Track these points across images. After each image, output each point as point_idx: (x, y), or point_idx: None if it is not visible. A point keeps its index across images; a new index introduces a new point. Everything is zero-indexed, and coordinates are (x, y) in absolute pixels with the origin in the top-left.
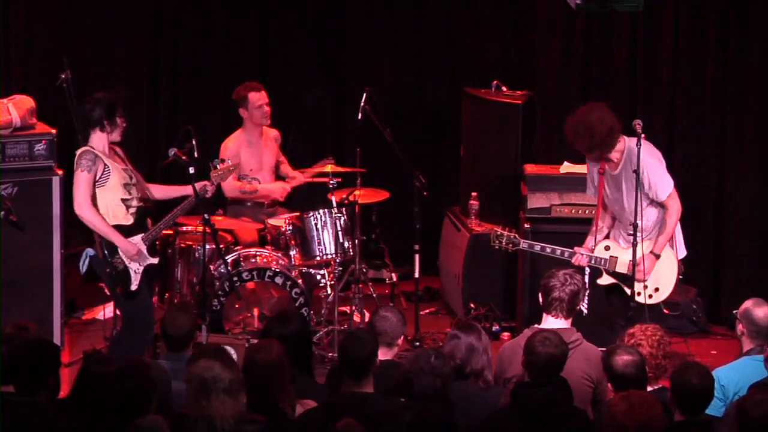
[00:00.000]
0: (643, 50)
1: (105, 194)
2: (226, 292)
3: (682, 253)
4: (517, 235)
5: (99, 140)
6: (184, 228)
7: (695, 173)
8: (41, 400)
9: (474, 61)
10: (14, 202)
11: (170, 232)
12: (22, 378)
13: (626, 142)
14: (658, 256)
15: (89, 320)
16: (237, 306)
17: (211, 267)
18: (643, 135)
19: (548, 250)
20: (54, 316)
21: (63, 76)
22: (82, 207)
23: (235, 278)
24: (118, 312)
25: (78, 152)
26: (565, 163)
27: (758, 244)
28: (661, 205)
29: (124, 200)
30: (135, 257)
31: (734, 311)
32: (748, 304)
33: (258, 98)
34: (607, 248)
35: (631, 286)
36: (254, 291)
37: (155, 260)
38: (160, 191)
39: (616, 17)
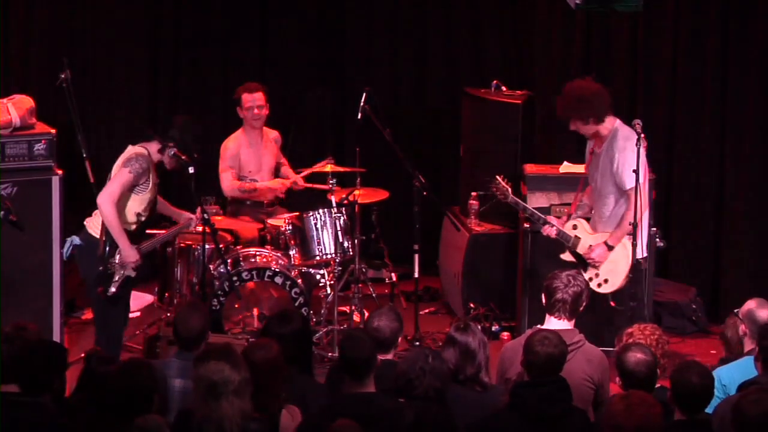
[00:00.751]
0: (643, 50)
1: (132, 202)
2: (225, 291)
3: (641, 254)
4: (511, 191)
5: (155, 152)
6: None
7: (695, 172)
8: (45, 401)
9: (474, 61)
10: (14, 202)
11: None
12: (28, 378)
13: (616, 124)
14: (611, 248)
15: (89, 320)
16: (237, 306)
17: (211, 267)
18: (642, 135)
19: (529, 212)
20: (54, 316)
21: (63, 76)
22: (106, 200)
23: (235, 278)
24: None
25: (135, 151)
26: (565, 163)
27: (758, 244)
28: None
29: (139, 214)
30: (132, 264)
31: (735, 310)
32: (751, 305)
33: (249, 100)
34: (574, 227)
35: (585, 270)
36: (254, 291)
37: (133, 273)
38: (164, 208)
39: (616, 17)
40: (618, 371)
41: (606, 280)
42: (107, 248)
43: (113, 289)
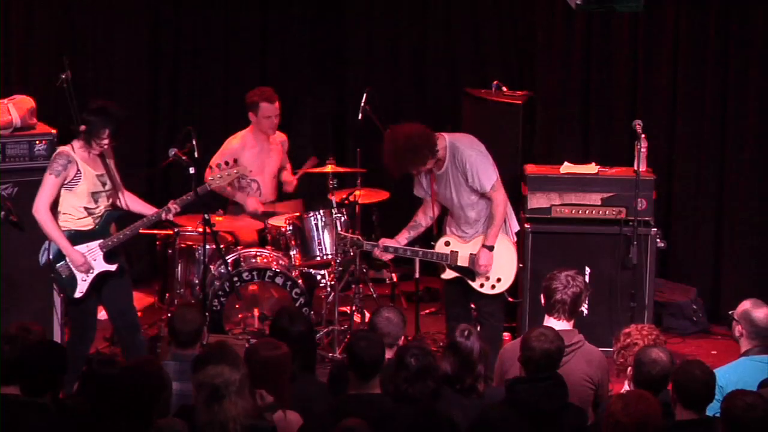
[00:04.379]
0: (643, 50)
1: (69, 198)
2: (226, 292)
3: (516, 227)
4: (360, 237)
5: (82, 145)
6: (185, 228)
7: (695, 173)
8: (46, 401)
9: (474, 61)
10: (14, 202)
11: (170, 232)
12: (30, 379)
13: (447, 140)
14: (491, 248)
15: None
16: (237, 306)
17: (212, 267)
18: (643, 135)
19: (392, 249)
20: (54, 316)
21: (63, 76)
22: (38, 209)
23: (236, 278)
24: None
25: (57, 150)
26: (565, 163)
27: (758, 244)
28: (488, 198)
29: (87, 208)
30: (80, 267)
31: (730, 312)
32: (746, 305)
33: (269, 110)
34: (447, 243)
35: (473, 279)
36: (254, 291)
37: (112, 267)
38: (135, 204)
39: (616, 17)
40: (634, 363)
41: (499, 279)
42: (50, 255)
43: (79, 292)
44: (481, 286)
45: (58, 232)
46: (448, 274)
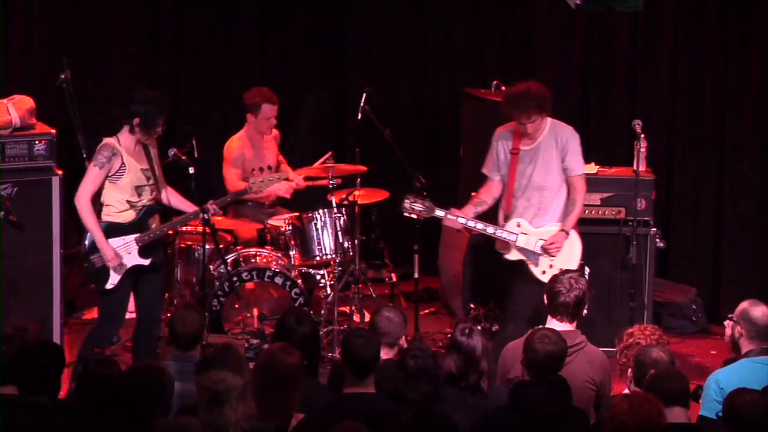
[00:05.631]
0: (643, 50)
1: (113, 191)
2: (225, 292)
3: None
4: (432, 203)
5: (128, 135)
6: (184, 228)
7: (695, 173)
8: (43, 402)
9: (474, 61)
10: (14, 202)
11: (170, 232)
12: (27, 380)
13: (549, 122)
14: (568, 233)
15: (89, 320)
16: (237, 306)
17: (211, 267)
18: (642, 135)
19: (462, 220)
20: (54, 316)
21: (63, 76)
22: (80, 198)
23: (235, 278)
24: None
25: (102, 142)
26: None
27: (758, 244)
28: (569, 184)
29: (129, 201)
30: (111, 262)
31: (729, 315)
32: (744, 305)
33: (271, 111)
34: (518, 225)
35: (537, 264)
36: (254, 291)
37: (146, 261)
38: (176, 200)
39: (616, 17)
40: (634, 363)
41: (562, 270)
42: (86, 244)
43: (110, 284)
44: (543, 273)
45: (95, 224)
46: (514, 255)
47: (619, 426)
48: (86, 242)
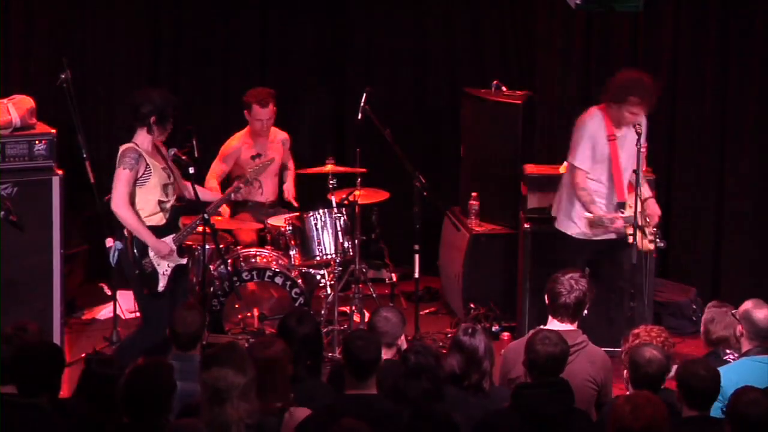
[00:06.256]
0: (643, 50)
1: (144, 194)
2: (225, 292)
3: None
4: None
5: (144, 138)
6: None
7: (695, 173)
8: (43, 402)
9: (474, 61)
10: (14, 202)
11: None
12: (27, 380)
13: None
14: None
15: (89, 320)
16: (237, 306)
17: (211, 267)
18: (643, 135)
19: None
20: (54, 316)
21: (63, 76)
22: (119, 205)
23: (235, 278)
24: (123, 311)
25: (122, 148)
26: (565, 163)
27: (758, 244)
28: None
29: (160, 202)
30: (168, 256)
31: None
32: (747, 305)
33: (260, 113)
34: (629, 207)
35: (645, 236)
36: (254, 291)
37: (184, 260)
38: (201, 192)
39: (616, 17)
40: (629, 364)
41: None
42: (135, 251)
43: (161, 286)
44: (651, 242)
45: (142, 225)
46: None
47: (623, 429)
48: (134, 250)
